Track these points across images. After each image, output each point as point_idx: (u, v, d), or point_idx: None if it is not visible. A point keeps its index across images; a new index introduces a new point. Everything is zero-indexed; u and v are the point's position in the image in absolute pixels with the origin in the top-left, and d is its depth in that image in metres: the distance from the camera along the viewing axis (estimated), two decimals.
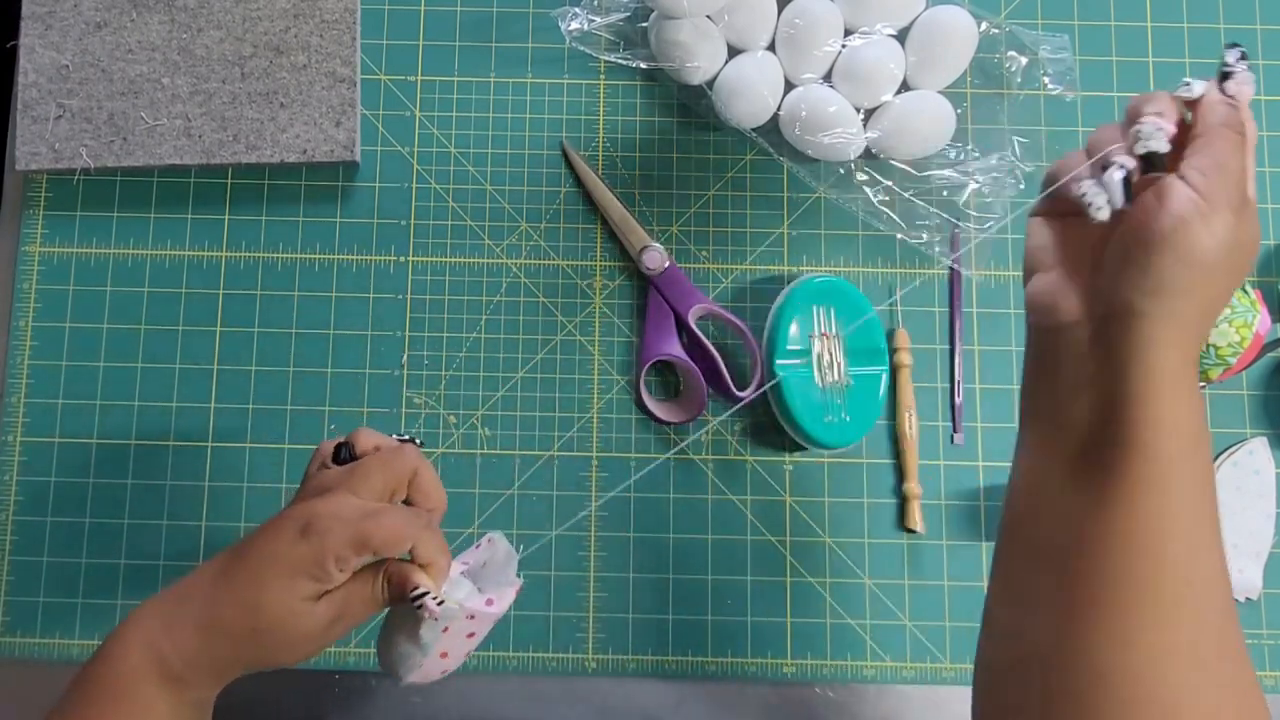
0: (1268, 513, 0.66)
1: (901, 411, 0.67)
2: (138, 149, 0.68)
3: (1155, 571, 0.40)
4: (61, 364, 0.68)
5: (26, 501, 0.66)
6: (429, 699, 0.65)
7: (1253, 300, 0.65)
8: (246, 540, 0.46)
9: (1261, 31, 0.72)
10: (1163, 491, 0.40)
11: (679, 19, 0.65)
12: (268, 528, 0.46)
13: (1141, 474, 0.40)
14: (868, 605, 0.66)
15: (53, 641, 0.65)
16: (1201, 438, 0.41)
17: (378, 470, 0.47)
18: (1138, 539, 0.40)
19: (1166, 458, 0.40)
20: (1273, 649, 0.65)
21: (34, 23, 0.69)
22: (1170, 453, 0.40)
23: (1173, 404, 0.40)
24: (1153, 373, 0.40)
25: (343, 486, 0.46)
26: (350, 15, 0.69)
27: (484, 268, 0.69)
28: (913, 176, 0.68)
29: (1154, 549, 0.40)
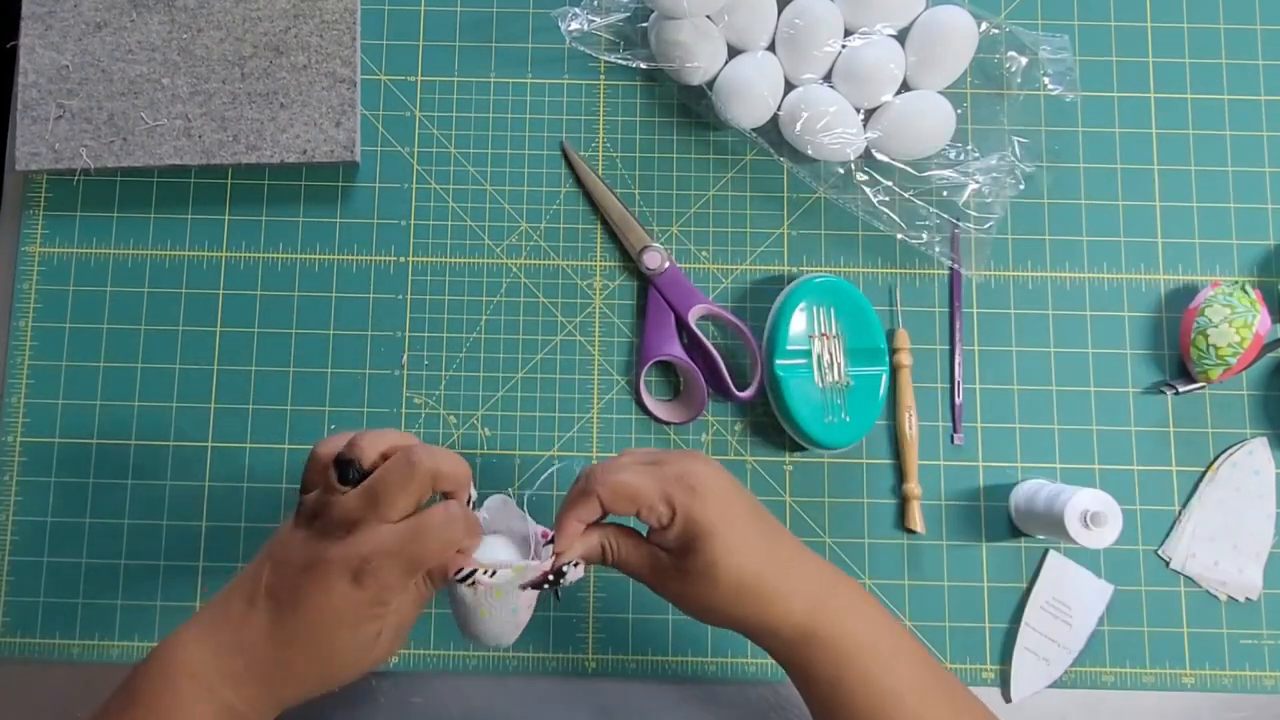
0: (1268, 513, 0.66)
1: (901, 411, 0.67)
2: (138, 149, 0.68)
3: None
4: (61, 364, 0.68)
5: (26, 501, 0.66)
6: (429, 699, 0.65)
7: (1253, 300, 0.65)
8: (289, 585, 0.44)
9: (1261, 31, 0.72)
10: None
11: (679, 19, 0.65)
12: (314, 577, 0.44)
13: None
14: None
15: (53, 642, 0.65)
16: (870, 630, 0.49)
17: (399, 490, 0.45)
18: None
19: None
20: (1273, 649, 0.65)
21: (34, 23, 0.69)
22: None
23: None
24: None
25: (372, 517, 0.44)
26: (350, 15, 0.69)
27: (484, 268, 0.69)
28: (913, 176, 0.68)
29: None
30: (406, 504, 0.45)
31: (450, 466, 0.46)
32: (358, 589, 0.43)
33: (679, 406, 0.68)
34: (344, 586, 0.43)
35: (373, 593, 0.44)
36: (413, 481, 0.45)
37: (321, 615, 0.44)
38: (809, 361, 0.65)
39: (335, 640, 0.44)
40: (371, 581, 0.43)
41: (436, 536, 0.45)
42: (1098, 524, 0.59)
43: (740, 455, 0.67)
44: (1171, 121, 0.71)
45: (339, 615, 0.44)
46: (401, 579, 0.44)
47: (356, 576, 0.43)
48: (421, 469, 0.45)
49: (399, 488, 0.44)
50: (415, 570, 0.44)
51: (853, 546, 0.66)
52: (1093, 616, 0.65)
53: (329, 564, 0.44)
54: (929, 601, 0.66)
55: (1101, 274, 0.69)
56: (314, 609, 0.44)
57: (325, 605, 0.44)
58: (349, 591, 0.43)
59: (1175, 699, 0.65)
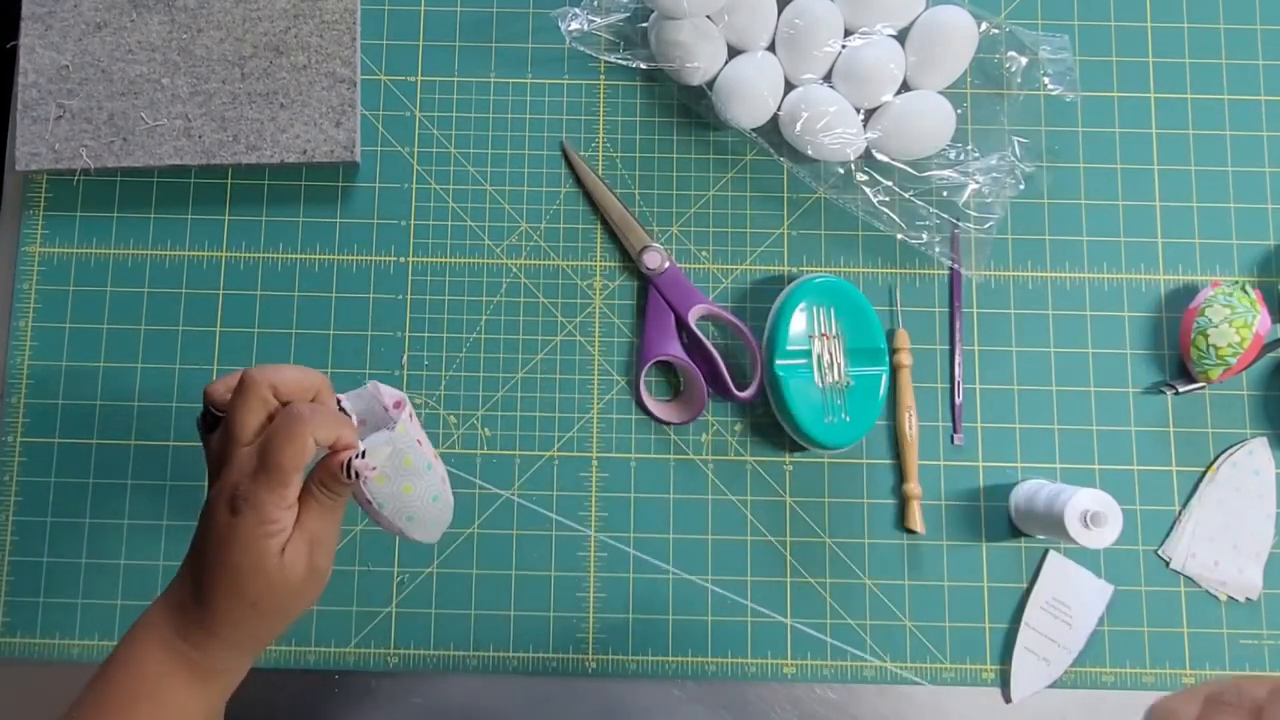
0: (1268, 513, 0.66)
1: (901, 411, 0.67)
2: (138, 149, 0.68)
3: None
4: (61, 364, 0.68)
5: (26, 501, 0.66)
6: (429, 699, 0.65)
7: (1253, 300, 0.65)
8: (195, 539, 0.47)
9: (1261, 31, 0.72)
10: None
11: (679, 19, 0.65)
12: (203, 520, 0.46)
13: None
14: (868, 605, 0.66)
15: (53, 641, 0.65)
16: None
17: (240, 409, 0.46)
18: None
19: None
20: (1273, 649, 0.65)
21: (34, 23, 0.68)
22: None
23: None
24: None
25: (230, 445, 0.46)
26: (350, 15, 0.69)
27: (484, 268, 0.69)
28: (913, 176, 0.68)
29: None
30: (253, 422, 0.46)
31: (293, 374, 0.47)
32: (237, 516, 0.45)
33: (679, 406, 0.68)
34: (224, 515, 0.45)
35: (249, 515, 0.44)
36: (251, 398, 0.46)
37: (216, 550, 0.45)
38: (809, 361, 0.65)
39: (239, 571, 0.45)
40: (243, 504, 0.44)
41: (286, 437, 0.45)
42: (1098, 524, 0.59)
43: (740, 455, 0.67)
44: (1171, 121, 0.71)
45: (228, 544, 0.45)
46: (271, 493, 0.44)
47: (231, 504, 0.45)
48: (254, 383, 0.46)
49: (240, 407, 0.46)
50: (280, 479, 0.44)
51: (853, 546, 0.66)
52: (1093, 616, 0.65)
53: (210, 504, 0.46)
54: (929, 601, 0.66)
55: (1101, 274, 0.69)
56: (211, 548, 0.45)
57: (217, 540, 0.45)
58: (230, 520, 0.45)
59: None
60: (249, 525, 0.44)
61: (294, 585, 0.46)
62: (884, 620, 0.65)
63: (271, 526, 0.45)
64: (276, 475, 0.44)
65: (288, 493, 0.45)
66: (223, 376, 0.49)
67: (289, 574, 0.45)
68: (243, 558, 0.45)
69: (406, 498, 0.50)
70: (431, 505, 0.51)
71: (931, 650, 0.65)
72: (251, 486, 0.45)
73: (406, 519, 0.50)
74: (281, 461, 0.44)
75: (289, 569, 0.45)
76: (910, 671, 0.65)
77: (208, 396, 0.49)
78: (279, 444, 0.45)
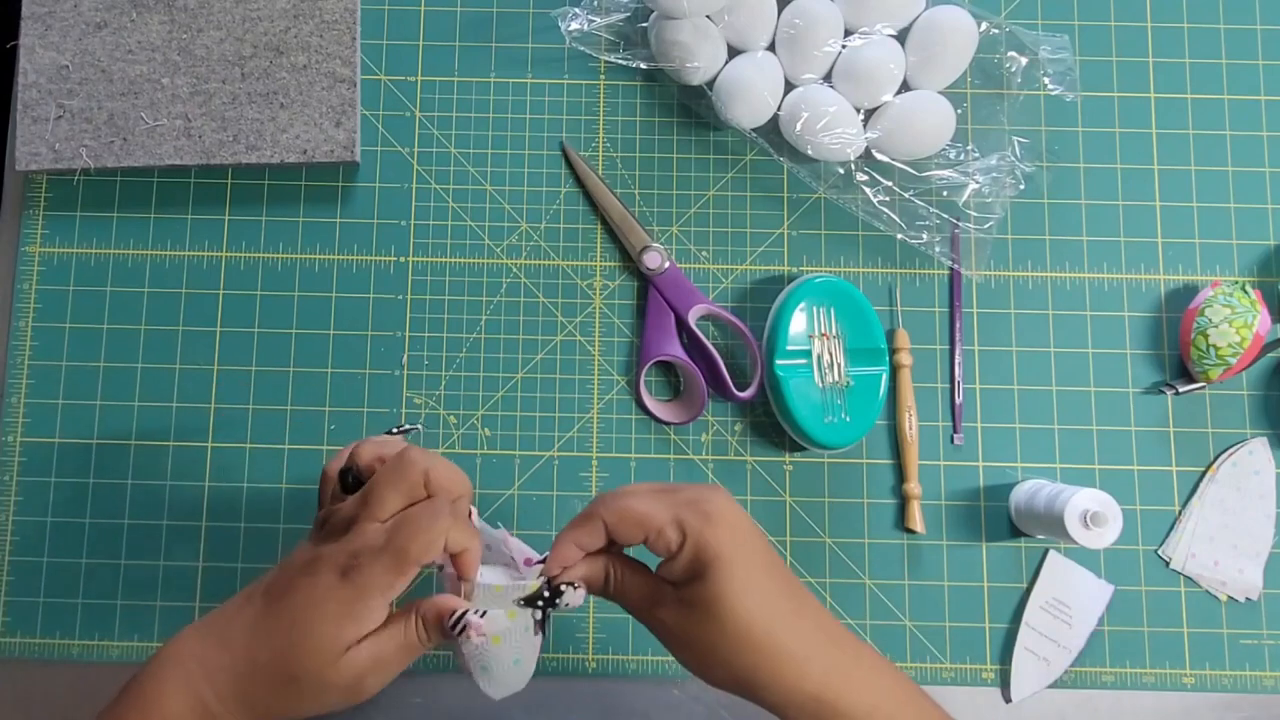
0: (1268, 513, 0.66)
1: (901, 411, 0.67)
2: (138, 149, 0.68)
3: None
4: (61, 364, 0.68)
5: (26, 501, 0.66)
6: (429, 699, 0.65)
7: (1253, 300, 0.65)
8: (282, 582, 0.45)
9: (1261, 31, 0.72)
10: None
11: (679, 19, 0.65)
12: (304, 571, 0.45)
13: None
14: (868, 605, 0.66)
15: (53, 641, 0.65)
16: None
17: (389, 487, 0.45)
18: None
19: None
20: (1273, 649, 0.65)
21: (34, 23, 0.69)
22: None
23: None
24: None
25: (364, 517, 0.45)
26: (350, 15, 0.69)
27: (484, 268, 0.69)
28: (913, 176, 0.68)
29: None
30: (396, 502, 0.45)
31: (446, 472, 0.46)
32: (344, 583, 0.44)
33: (679, 406, 0.68)
34: (331, 579, 0.44)
35: (357, 588, 0.43)
36: (403, 479, 0.45)
37: (304, 605, 0.44)
38: (809, 361, 0.65)
39: (309, 635, 0.44)
40: (356, 576, 0.43)
41: (417, 527, 0.44)
42: (1098, 524, 0.59)
43: (740, 455, 0.67)
44: (1171, 121, 0.71)
45: (317, 604, 0.44)
46: (385, 575, 0.44)
47: (345, 572, 0.44)
48: (412, 466, 0.45)
49: (389, 485, 0.45)
50: (399, 567, 0.44)
51: (853, 546, 0.66)
52: (1093, 616, 0.65)
53: (321, 559, 0.45)
54: (929, 601, 0.66)
55: (1101, 274, 0.69)
56: (299, 599, 0.44)
57: (310, 595, 0.44)
58: (335, 584, 0.44)
59: (1175, 699, 0.65)
60: (349, 598, 0.43)
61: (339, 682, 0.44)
62: (884, 620, 0.65)
63: (367, 610, 0.44)
64: (399, 560, 0.43)
65: (400, 582, 0.44)
66: (375, 438, 0.49)
67: (345, 670, 0.44)
68: (324, 626, 0.43)
69: (492, 649, 0.47)
70: (512, 667, 0.48)
71: (931, 650, 0.65)
72: (369, 562, 0.43)
73: (481, 668, 0.48)
74: (409, 548, 0.43)
75: (349, 665, 0.44)
76: (910, 671, 0.65)
77: (356, 457, 0.48)
78: (413, 532, 0.44)
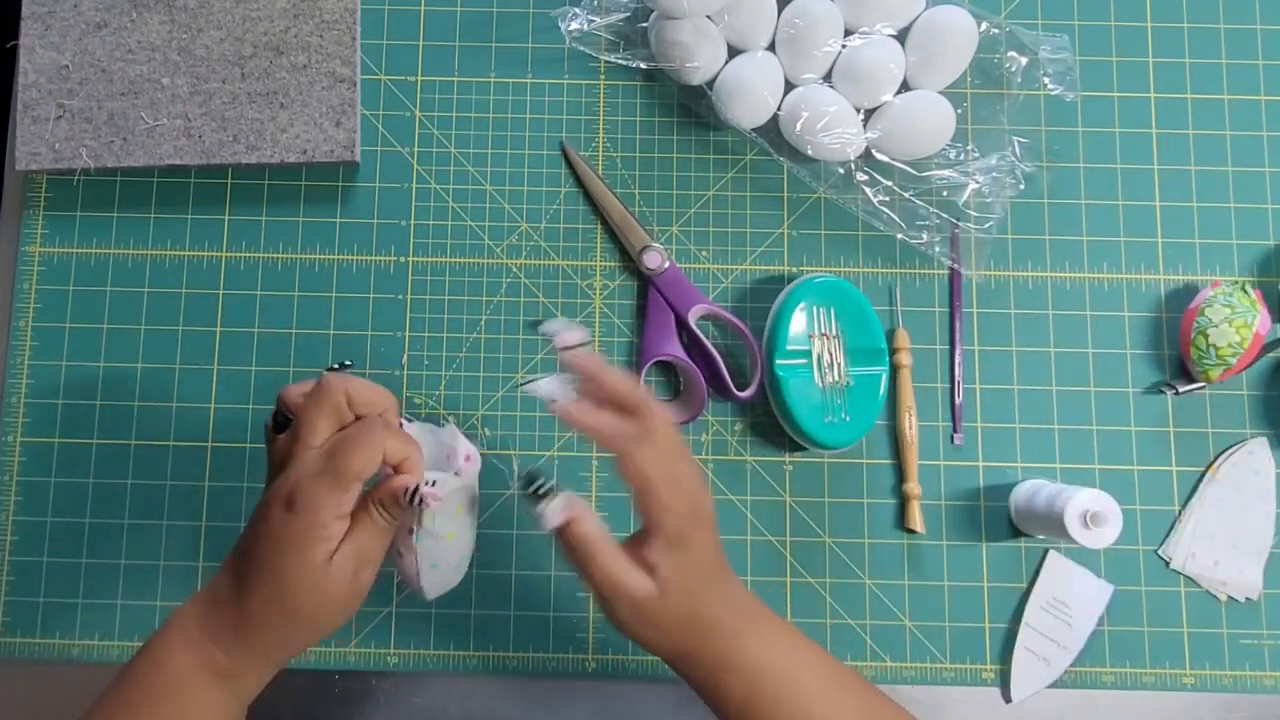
0: (1268, 513, 0.66)
1: (901, 411, 0.67)
2: (138, 149, 0.68)
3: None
4: (61, 364, 0.68)
5: (26, 501, 0.66)
6: (429, 699, 0.65)
7: (1253, 300, 0.65)
8: (243, 537, 0.47)
9: (1261, 31, 0.72)
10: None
11: (679, 19, 0.65)
12: (258, 517, 0.47)
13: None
14: (868, 605, 0.66)
15: (53, 641, 0.65)
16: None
17: (314, 412, 0.47)
18: None
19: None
20: (1273, 649, 0.65)
21: (34, 23, 0.69)
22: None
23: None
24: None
25: (298, 449, 0.47)
26: (350, 15, 0.69)
27: (484, 268, 0.69)
28: (913, 176, 0.68)
29: None
30: (323, 426, 0.47)
31: (366, 390, 0.48)
32: (292, 514, 0.45)
33: (679, 406, 0.68)
34: (279, 514, 0.45)
35: (306, 515, 0.45)
36: (325, 402, 0.47)
37: (265, 548, 0.46)
38: (809, 361, 0.65)
39: (283, 571, 0.45)
40: (301, 504, 0.45)
41: (358, 444, 0.45)
42: (1098, 524, 0.59)
43: (740, 455, 0.67)
44: (1171, 121, 0.71)
45: (279, 543, 0.45)
46: (330, 496, 0.45)
47: (289, 503, 0.45)
48: (331, 389, 0.47)
49: (314, 410, 0.47)
50: (341, 485, 0.45)
51: (853, 546, 0.66)
52: (1093, 616, 0.65)
53: (268, 499, 0.46)
54: (929, 601, 0.66)
55: (1101, 274, 0.69)
56: (260, 545, 0.46)
57: (267, 537, 0.46)
58: (285, 518, 0.45)
59: (1175, 699, 0.65)
60: (302, 525, 0.45)
61: (333, 595, 0.46)
62: (884, 620, 0.65)
63: (324, 530, 0.45)
64: (341, 479, 0.45)
65: (346, 499, 0.45)
66: (300, 381, 0.50)
67: (331, 583, 0.45)
68: (290, 558, 0.45)
69: (443, 544, 0.49)
70: (458, 561, 0.51)
71: (931, 650, 0.65)
72: (312, 486, 0.45)
73: (431, 565, 0.50)
74: (349, 466, 0.45)
75: (333, 578, 0.45)
76: (910, 671, 0.65)
77: (282, 398, 0.50)
78: (350, 449, 0.45)
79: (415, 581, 0.50)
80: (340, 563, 0.46)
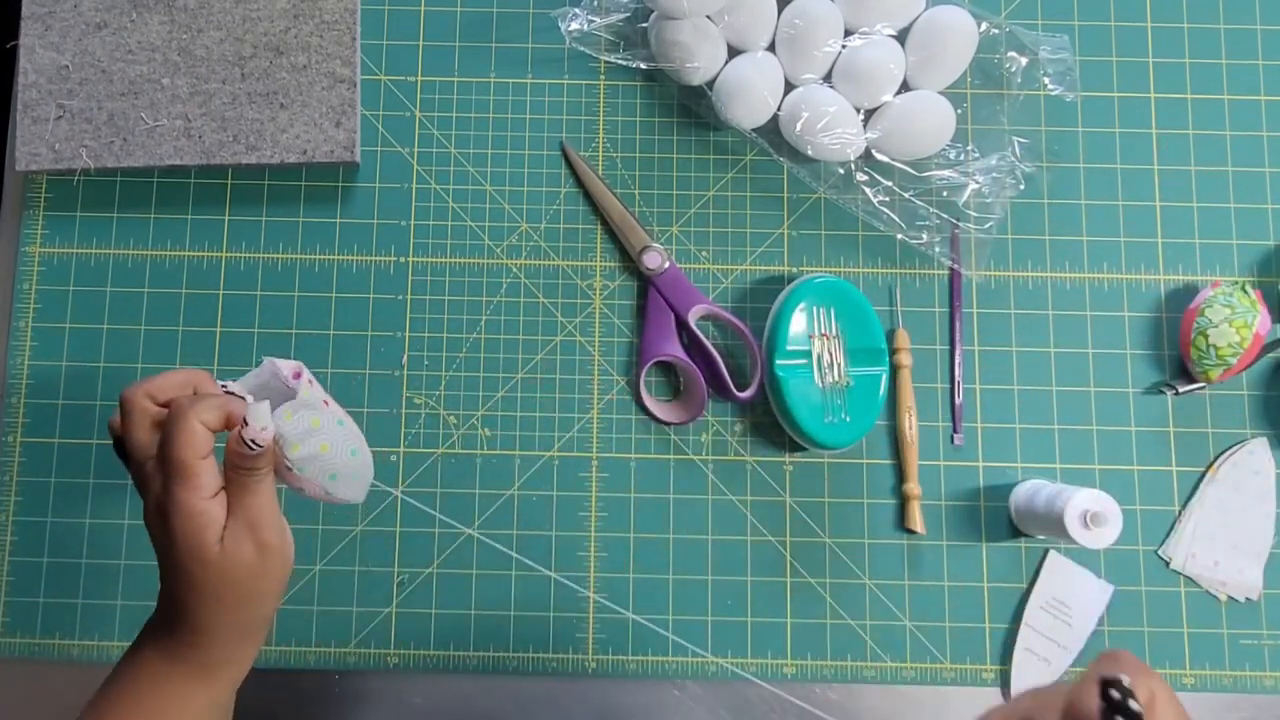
0: (1268, 513, 0.66)
1: (901, 412, 0.67)
2: (138, 149, 0.68)
3: None
4: (61, 364, 0.68)
5: (26, 501, 0.66)
6: (429, 699, 0.65)
7: (1253, 300, 0.65)
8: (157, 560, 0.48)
9: (1261, 31, 0.72)
10: None
11: (679, 19, 0.65)
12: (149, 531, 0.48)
13: None
14: (868, 605, 0.66)
15: (53, 641, 0.65)
16: None
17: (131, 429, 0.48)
18: None
19: None
20: (1273, 649, 0.65)
21: (34, 23, 0.68)
22: None
23: None
24: None
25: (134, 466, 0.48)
26: (350, 15, 0.69)
27: (484, 268, 0.69)
28: (913, 176, 0.68)
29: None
30: (144, 436, 0.48)
31: (163, 380, 0.49)
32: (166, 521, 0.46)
33: (679, 406, 0.68)
34: (158, 526, 0.47)
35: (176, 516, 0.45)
36: (132, 411, 0.48)
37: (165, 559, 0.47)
38: (809, 361, 0.65)
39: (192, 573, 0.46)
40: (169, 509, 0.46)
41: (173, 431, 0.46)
42: (1098, 524, 0.59)
43: (740, 455, 0.67)
44: (1171, 121, 0.71)
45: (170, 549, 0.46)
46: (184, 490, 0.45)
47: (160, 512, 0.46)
48: (131, 400, 0.48)
49: (130, 425, 0.48)
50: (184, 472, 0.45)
51: (853, 546, 0.66)
52: (1093, 616, 0.65)
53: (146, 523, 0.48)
54: (929, 601, 0.66)
55: (1101, 274, 0.69)
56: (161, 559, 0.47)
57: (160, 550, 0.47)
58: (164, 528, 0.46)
59: None
60: (179, 526, 0.45)
61: (247, 566, 0.46)
62: (884, 620, 0.65)
63: (200, 519, 0.45)
64: (181, 470, 0.45)
65: (200, 483, 0.46)
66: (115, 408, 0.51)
67: (236, 558, 0.46)
68: (186, 557, 0.46)
69: (325, 457, 0.50)
70: (351, 459, 0.51)
71: (931, 650, 0.65)
72: (166, 490, 0.46)
73: (330, 478, 0.50)
74: (178, 455, 0.45)
75: (234, 553, 0.46)
76: (910, 671, 0.65)
77: (111, 430, 0.51)
78: (169, 440, 0.46)
79: (332, 499, 0.51)
80: (233, 537, 0.46)
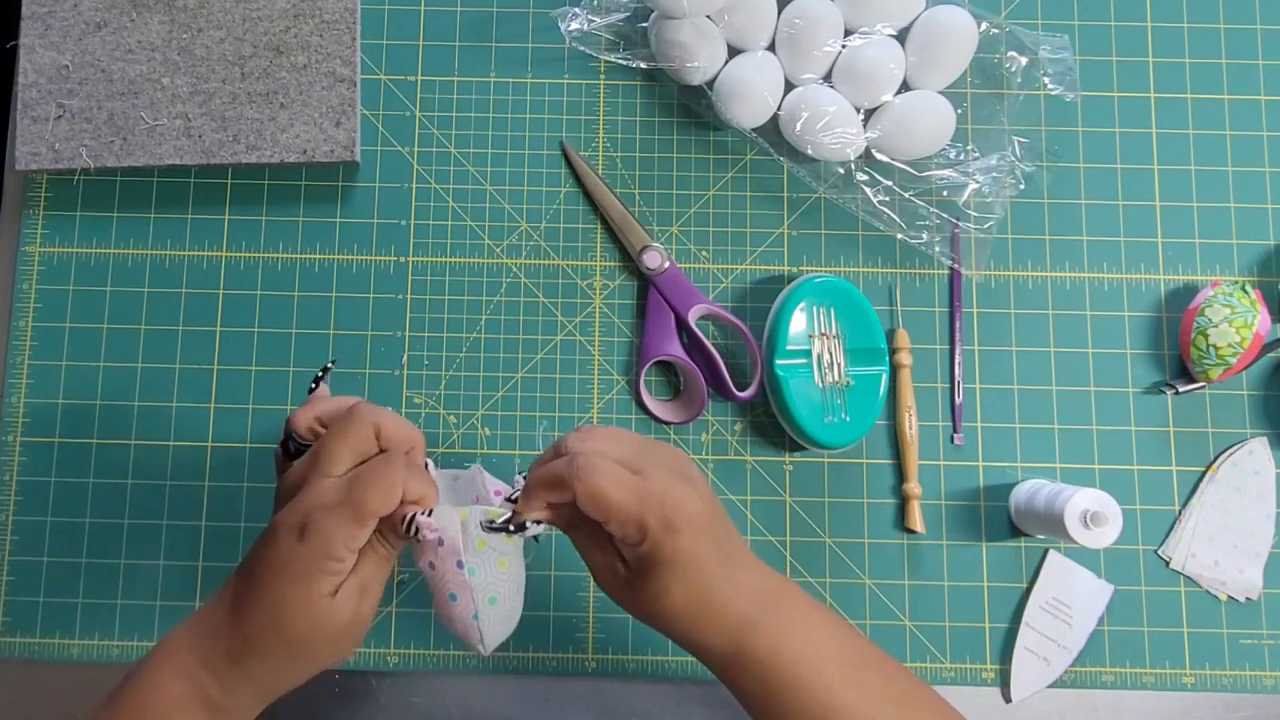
0: (1268, 513, 0.66)
1: (901, 411, 0.67)
2: (138, 149, 0.68)
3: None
4: (61, 364, 0.68)
5: (26, 501, 0.66)
6: (429, 699, 0.65)
7: (1253, 300, 0.65)
8: (248, 561, 0.46)
9: (1261, 31, 0.72)
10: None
11: (679, 19, 0.65)
12: (265, 541, 0.45)
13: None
14: (868, 605, 0.66)
15: (53, 641, 0.65)
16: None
17: (339, 442, 0.45)
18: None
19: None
20: (1273, 649, 0.65)
21: (34, 23, 0.68)
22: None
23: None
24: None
25: (316, 475, 0.45)
26: (350, 15, 0.69)
27: (484, 268, 0.69)
28: (913, 176, 0.68)
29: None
30: (347, 456, 0.45)
31: (396, 425, 0.47)
32: (303, 544, 0.43)
33: (679, 406, 0.68)
34: (289, 541, 0.44)
35: (318, 546, 0.43)
36: (353, 432, 0.45)
37: (270, 575, 0.44)
38: (809, 361, 0.65)
39: (286, 600, 0.43)
40: (314, 534, 0.43)
41: (374, 479, 0.44)
42: (1098, 524, 0.59)
43: (740, 455, 0.67)
44: (1171, 121, 0.71)
45: (282, 569, 0.44)
46: (345, 529, 0.43)
47: (302, 532, 0.44)
48: (361, 421, 0.46)
49: (339, 440, 0.45)
50: (358, 519, 0.43)
51: (853, 546, 0.66)
52: (1093, 616, 0.65)
53: (278, 525, 0.45)
54: (929, 601, 0.66)
55: (1101, 274, 0.69)
56: (265, 572, 0.44)
57: (274, 564, 0.44)
58: (295, 547, 0.43)
59: (1175, 699, 0.65)
60: (313, 556, 0.43)
61: (336, 628, 0.44)
62: (884, 620, 0.65)
63: (334, 563, 0.44)
64: (359, 513, 0.43)
65: (361, 534, 0.44)
66: (304, 405, 0.49)
67: (335, 616, 0.44)
68: (296, 587, 0.43)
69: (499, 574, 0.47)
70: (515, 594, 0.48)
71: (931, 650, 0.65)
72: (328, 518, 0.43)
73: (489, 600, 0.47)
74: (368, 501, 0.43)
75: (337, 611, 0.44)
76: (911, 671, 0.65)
77: (291, 425, 0.48)
78: (371, 484, 0.44)
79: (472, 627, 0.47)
80: (345, 595, 0.44)
